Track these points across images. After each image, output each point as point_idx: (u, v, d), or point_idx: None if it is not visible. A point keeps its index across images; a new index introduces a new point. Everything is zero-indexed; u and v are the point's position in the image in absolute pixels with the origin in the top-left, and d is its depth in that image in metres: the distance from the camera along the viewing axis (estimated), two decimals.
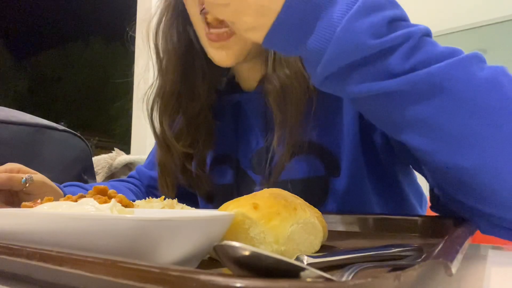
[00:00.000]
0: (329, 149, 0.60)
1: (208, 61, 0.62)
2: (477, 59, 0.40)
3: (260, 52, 0.62)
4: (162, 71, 0.64)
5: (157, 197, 0.82)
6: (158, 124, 0.64)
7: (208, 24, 0.56)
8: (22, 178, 0.58)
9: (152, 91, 0.65)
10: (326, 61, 0.39)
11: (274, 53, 0.59)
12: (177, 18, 0.64)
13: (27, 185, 0.58)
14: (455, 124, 0.38)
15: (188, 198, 0.81)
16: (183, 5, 0.60)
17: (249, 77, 0.67)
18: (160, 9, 0.65)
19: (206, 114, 0.66)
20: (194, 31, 0.63)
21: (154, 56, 0.64)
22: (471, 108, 0.38)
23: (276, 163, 0.61)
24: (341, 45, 0.38)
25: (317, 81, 0.42)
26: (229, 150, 0.68)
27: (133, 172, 0.89)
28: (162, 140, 0.64)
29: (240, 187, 0.67)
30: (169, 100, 0.63)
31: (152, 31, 0.65)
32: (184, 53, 0.64)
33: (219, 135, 0.69)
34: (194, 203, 0.82)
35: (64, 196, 0.65)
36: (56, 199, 0.38)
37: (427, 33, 0.40)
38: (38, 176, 0.61)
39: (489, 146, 0.38)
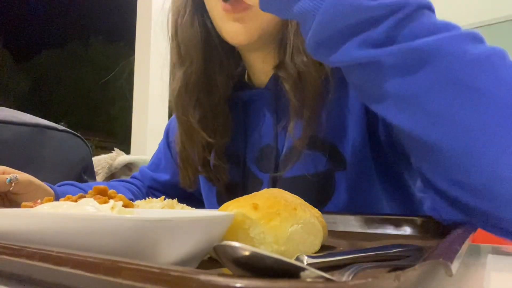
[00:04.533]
0: (333, 143, 0.59)
1: (225, 52, 0.65)
2: (473, 37, 0.37)
3: (274, 39, 0.62)
4: (183, 64, 0.65)
5: (157, 198, 0.83)
6: (183, 116, 0.66)
7: None
8: (7, 178, 0.58)
9: (176, 86, 0.66)
10: (320, 22, 0.38)
11: (292, 40, 0.59)
12: (195, 13, 0.65)
13: (12, 185, 0.59)
14: (437, 103, 0.35)
15: (188, 198, 0.82)
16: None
17: (263, 69, 0.67)
18: (177, 4, 0.67)
19: (223, 106, 0.67)
20: (212, 24, 0.63)
21: (174, 51, 0.65)
22: (457, 88, 0.35)
23: (283, 158, 0.61)
24: (335, 6, 0.37)
25: (310, 46, 0.40)
26: (237, 147, 0.69)
27: (136, 173, 0.89)
28: (187, 130, 0.66)
29: (246, 186, 0.67)
30: (193, 92, 0.65)
31: (172, 26, 0.67)
32: (204, 46, 0.65)
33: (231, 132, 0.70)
34: (194, 203, 0.82)
35: (55, 195, 0.66)
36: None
37: (425, 6, 0.38)
38: (23, 176, 0.61)
39: (469, 130, 0.35)
